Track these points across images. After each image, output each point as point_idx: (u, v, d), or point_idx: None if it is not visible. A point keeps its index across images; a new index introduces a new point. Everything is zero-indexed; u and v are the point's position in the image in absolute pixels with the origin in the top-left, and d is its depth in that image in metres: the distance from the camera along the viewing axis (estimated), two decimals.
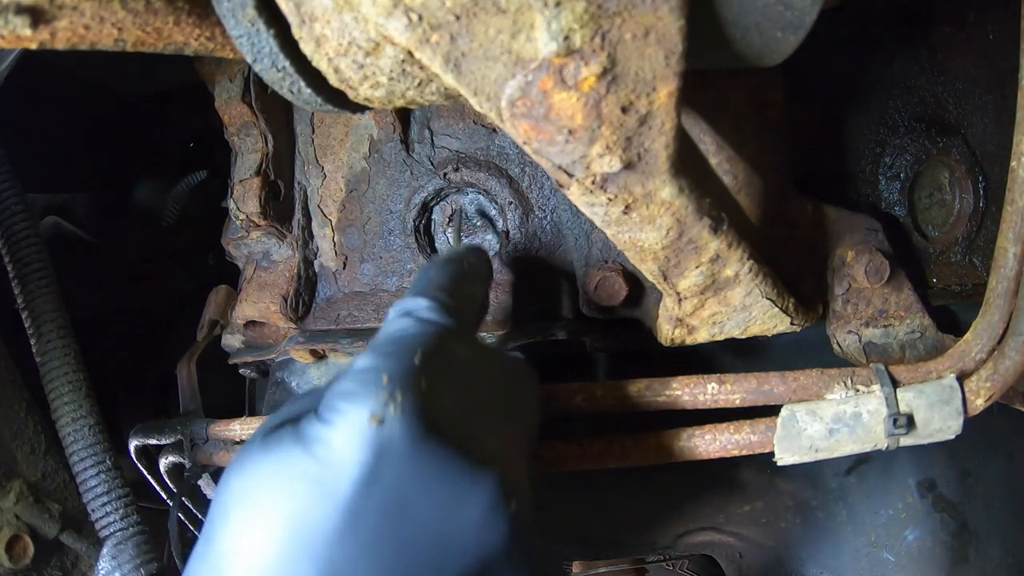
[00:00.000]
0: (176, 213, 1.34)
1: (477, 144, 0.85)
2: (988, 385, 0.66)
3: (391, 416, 0.45)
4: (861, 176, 0.91)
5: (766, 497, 1.00)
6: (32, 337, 0.85)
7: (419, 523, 0.45)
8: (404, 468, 0.45)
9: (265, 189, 0.85)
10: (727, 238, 0.61)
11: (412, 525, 0.45)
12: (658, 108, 0.48)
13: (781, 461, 0.67)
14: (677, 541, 1.08)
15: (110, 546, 0.82)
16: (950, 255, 0.91)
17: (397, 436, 0.45)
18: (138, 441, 0.91)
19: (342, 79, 0.52)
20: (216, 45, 0.53)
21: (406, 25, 0.44)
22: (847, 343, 0.80)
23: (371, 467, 0.44)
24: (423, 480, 0.46)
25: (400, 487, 0.45)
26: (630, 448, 0.69)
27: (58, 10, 0.46)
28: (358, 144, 0.87)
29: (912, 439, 0.66)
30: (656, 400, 0.68)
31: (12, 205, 0.86)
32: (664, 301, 0.70)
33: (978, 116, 0.90)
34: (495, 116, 0.48)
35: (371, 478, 0.44)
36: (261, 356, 0.92)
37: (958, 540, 0.97)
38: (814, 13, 0.49)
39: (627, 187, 0.52)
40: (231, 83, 0.86)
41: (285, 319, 0.88)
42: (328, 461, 0.44)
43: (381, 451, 0.44)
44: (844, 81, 0.90)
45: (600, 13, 0.44)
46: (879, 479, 0.98)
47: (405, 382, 0.47)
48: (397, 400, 0.46)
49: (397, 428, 0.45)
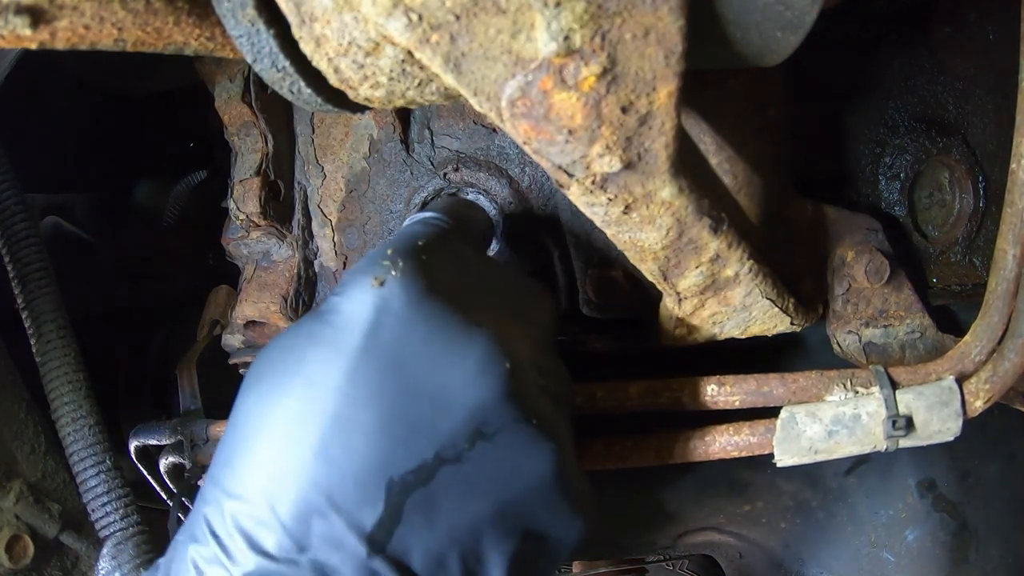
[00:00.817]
0: (176, 213, 1.34)
1: (477, 144, 0.85)
2: (987, 387, 0.66)
3: (392, 278, 0.50)
4: (861, 176, 0.91)
5: (766, 497, 1.00)
6: (32, 337, 0.85)
7: (416, 376, 0.48)
8: (403, 325, 0.49)
9: (265, 189, 0.85)
10: (727, 238, 0.60)
11: (410, 378, 0.48)
12: (658, 108, 0.48)
13: (780, 462, 0.67)
14: (677, 541, 1.08)
15: (110, 546, 0.82)
16: (950, 255, 0.91)
17: (396, 295, 0.50)
18: (138, 441, 0.91)
19: (342, 79, 0.52)
20: (216, 45, 0.53)
21: (406, 25, 0.44)
22: (847, 343, 0.80)
23: (373, 323, 0.49)
24: (420, 336, 0.49)
25: (399, 343, 0.49)
26: (630, 449, 0.69)
27: (58, 10, 0.46)
28: (358, 144, 0.87)
29: (911, 441, 0.66)
30: (656, 401, 0.68)
31: (12, 205, 0.86)
32: (664, 301, 0.70)
33: (978, 116, 0.89)
34: (495, 116, 0.48)
35: (373, 333, 0.48)
36: None
37: (958, 540, 0.97)
38: (814, 13, 0.49)
39: (627, 187, 0.52)
40: (231, 83, 0.86)
41: (285, 319, 0.88)
42: (337, 324, 0.49)
43: (382, 309, 0.49)
44: (844, 81, 0.90)
45: (600, 13, 0.44)
46: (879, 479, 0.98)
47: (406, 253, 0.53)
48: (398, 265, 0.51)
49: (396, 288, 0.50)
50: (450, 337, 0.50)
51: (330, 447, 0.46)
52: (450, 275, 0.54)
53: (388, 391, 0.48)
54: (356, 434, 0.47)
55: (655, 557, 1.54)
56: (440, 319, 0.50)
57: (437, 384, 0.48)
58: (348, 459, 0.46)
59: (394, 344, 0.48)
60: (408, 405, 0.48)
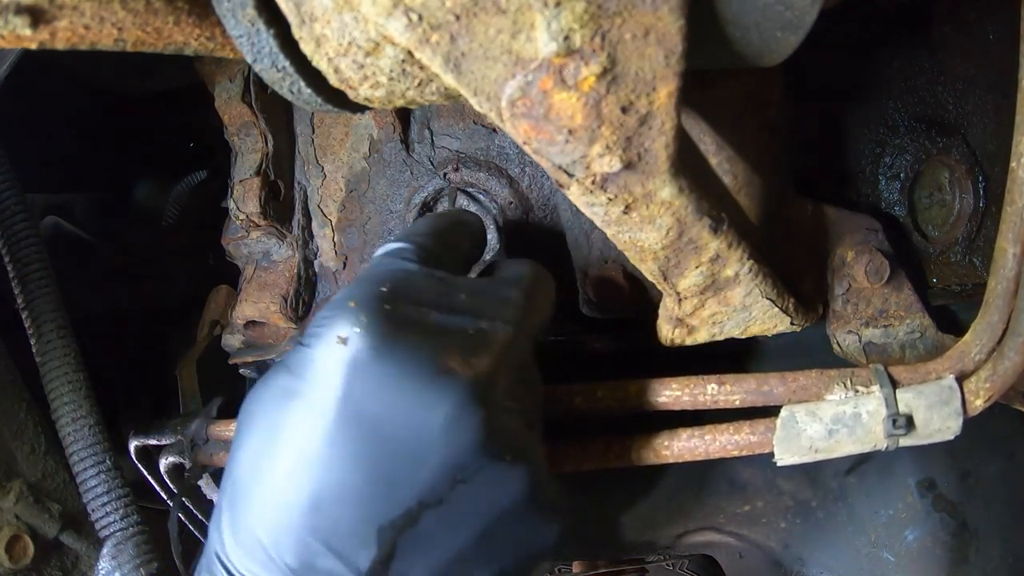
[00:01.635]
0: (176, 213, 1.34)
1: (477, 144, 0.85)
2: (987, 386, 0.66)
3: (354, 334, 0.50)
4: (861, 176, 0.91)
5: (766, 497, 1.00)
6: (32, 337, 0.85)
7: (392, 430, 0.50)
8: (372, 381, 0.50)
9: (265, 189, 0.85)
10: (727, 238, 0.61)
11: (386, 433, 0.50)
12: (658, 108, 0.48)
13: (781, 462, 0.67)
14: (677, 541, 1.07)
15: (110, 546, 0.82)
16: (950, 255, 0.91)
17: (361, 350, 0.50)
18: (138, 442, 0.91)
19: (342, 79, 0.52)
20: (216, 45, 0.54)
21: (406, 25, 0.44)
22: (847, 343, 0.80)
23: (345, 380, 0.50)
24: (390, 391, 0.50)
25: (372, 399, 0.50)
26: (630, 448, 0.69)
27: (58, 10, 0.46)
28: (358, 144, 0.87)
29: (911, 439, 0.66)
30: (656, 401, 0.68)
31: (12, 205, 0.85)
32: (664, 301, 0.70)
33: (978, 116, 0.89)
34: (495, 116, 0.48)
35: (346, 392, 0.50)
36: (261, 356, 0.92)
37: (958, 540, 0.97)
38: (814, 13, 0.49)
39: (627, 187, 0.52)
40: (231, 83, 0.86)
41: (285, 319, 0.88)
42: (311, 379, 0.51)
43: (351, 365, 0.50)
44: (844, 81, 0.90)
45: (600, 13, 0.44)
46: (879, 479, 0.98)
47: (369, 305, 0.52)
48: (360, 320, 0.51)
49: (360, 344, 0.50)
50: (419, 389, 0.51)
51: (322, 501, 0.49)
52: (418, 315, 0.54)
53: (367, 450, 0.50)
54: (343, 490, 0.50)
55: (655, 557, 1.54)
56: (407, 372, 0.51)
57: (412, 437, 0.50)
58: (341, 510, 0.50)
59: (367, 401, 0.50)
60: (388, 461, 0.50)
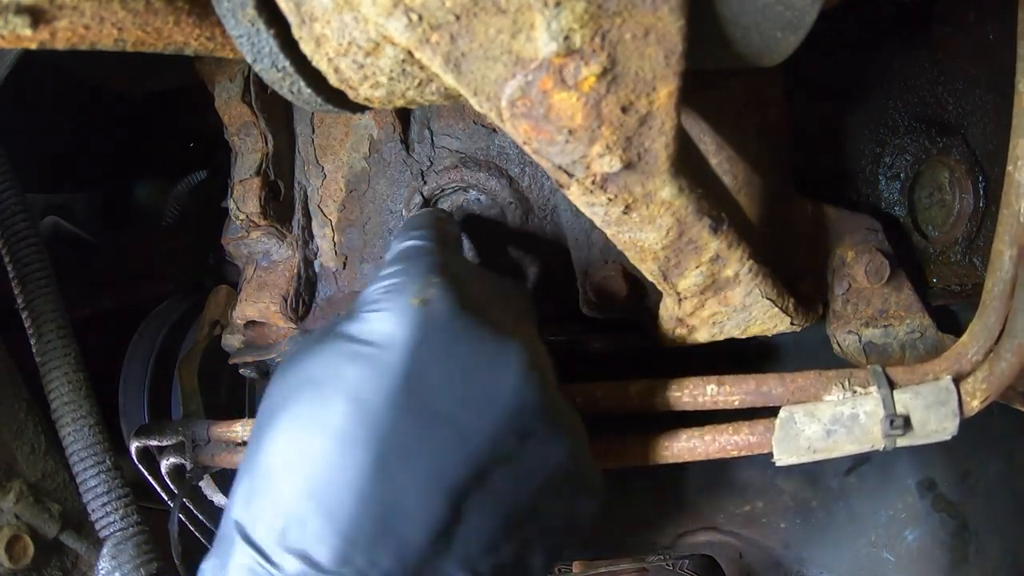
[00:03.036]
0: (176, 213, 1.34)
1: (477, 144, 0.85)
2: (984, 387, 0.66)
3: (434, 296, 0.52)
4: (861, 176, 0.91)
5: (766, 497, 1.00)
6: (32, 337, 0.85)
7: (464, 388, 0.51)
8: (448, 342, 0.51)
9: (265, 189, 0.85)
10: (727, 238, 0.61)
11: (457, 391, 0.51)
12: (658, 108, 0.48)
13: (779, 462, 0.67)
14: (677, 541, 1.08)
15: (110, 546, 0.82)
16: (950, 255, 0.91)
17: (439, 314, 0.52)
18: (139, 442, 0.91)
19: (342, 79, 0.52)
20: (216, 45, 0.54)
21: (406, 25, 0.44)
22: (847, 343, 0.80)
23: (420, 342, 0.50)
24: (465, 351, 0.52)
25: (446, 360, 0.51)
26: (630, 449, 0.69)
27: (58, 10, 0.46)
28: (358, 144, 0.87)
29: (909, 440, 0.66)
30: (656, 401, 0.68)
31: (12, 205, 0.85)
32: (664, 301, 0.70)
33: (978, 116, 0.89)
34: (495, 116, 0.48)
35: (417, 350, 0.50)
36: (261, 356, 0.92)
37: (958, 540, 0.97)
38: (814, 13, 0.49)
39: (627, 187, 0.52)
40: (231, 83, 0.86)
41: (285, 319, 0.88)
42: (380, 343, 0.50)
43: (427, 328, 0.51)
44: (844, 81, 0.90)
45: (600, 13, 0.44)
46: (879, 479, 0.98)
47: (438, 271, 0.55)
48: (435, 284, 0.53)
49: (438, 307, 0.52)
50: (491, 349, 0.53)
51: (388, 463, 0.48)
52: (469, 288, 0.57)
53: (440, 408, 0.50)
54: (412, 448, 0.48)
55: (655, 557, 1.54)
56: (481, 333, 0.53)
57: (484, 394, 0.51)
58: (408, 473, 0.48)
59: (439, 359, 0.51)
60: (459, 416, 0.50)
